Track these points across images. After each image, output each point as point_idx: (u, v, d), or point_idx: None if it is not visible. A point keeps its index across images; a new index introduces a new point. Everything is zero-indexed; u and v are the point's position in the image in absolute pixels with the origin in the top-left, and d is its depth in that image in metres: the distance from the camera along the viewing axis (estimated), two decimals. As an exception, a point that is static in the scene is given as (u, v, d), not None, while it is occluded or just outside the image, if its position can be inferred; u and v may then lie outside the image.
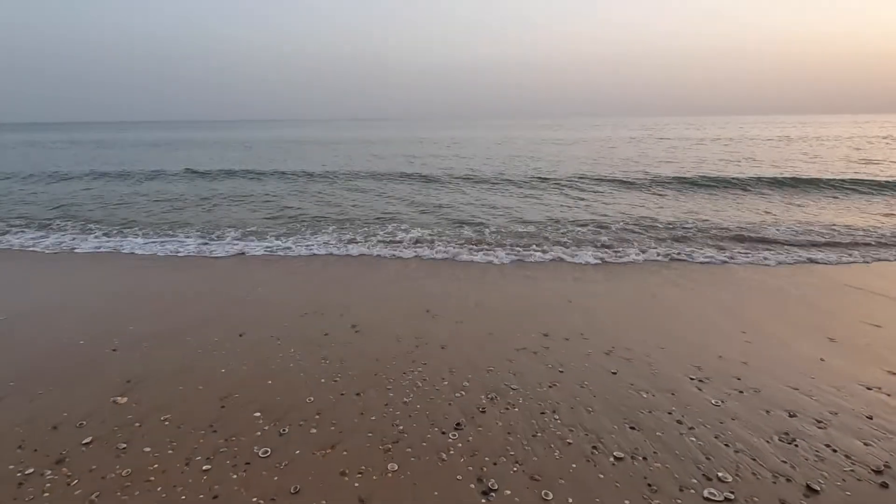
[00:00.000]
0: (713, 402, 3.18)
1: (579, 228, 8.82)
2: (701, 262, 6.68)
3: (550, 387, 3.37)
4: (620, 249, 7.31)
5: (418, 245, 7.69)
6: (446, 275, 6.24)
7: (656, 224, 9.12)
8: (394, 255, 7.15)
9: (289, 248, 7.62)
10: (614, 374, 3.57)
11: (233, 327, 4.43)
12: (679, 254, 7.05)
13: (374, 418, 2.98)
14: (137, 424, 2.87)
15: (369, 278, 6.08)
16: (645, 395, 3.25)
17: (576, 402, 3.16)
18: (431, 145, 32.52)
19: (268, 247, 7.67)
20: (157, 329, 4.38)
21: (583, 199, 11.96)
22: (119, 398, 3.15)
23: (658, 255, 7.02)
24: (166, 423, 2.89)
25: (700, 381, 3.45)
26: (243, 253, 7.34)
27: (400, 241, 7.91)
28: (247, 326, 4.44)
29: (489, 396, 3.25)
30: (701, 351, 3.93)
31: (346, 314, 4.76)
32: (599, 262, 6.76)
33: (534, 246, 7.55)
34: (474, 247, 7.56)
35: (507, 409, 3.10)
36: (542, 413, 3.04)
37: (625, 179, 14.77)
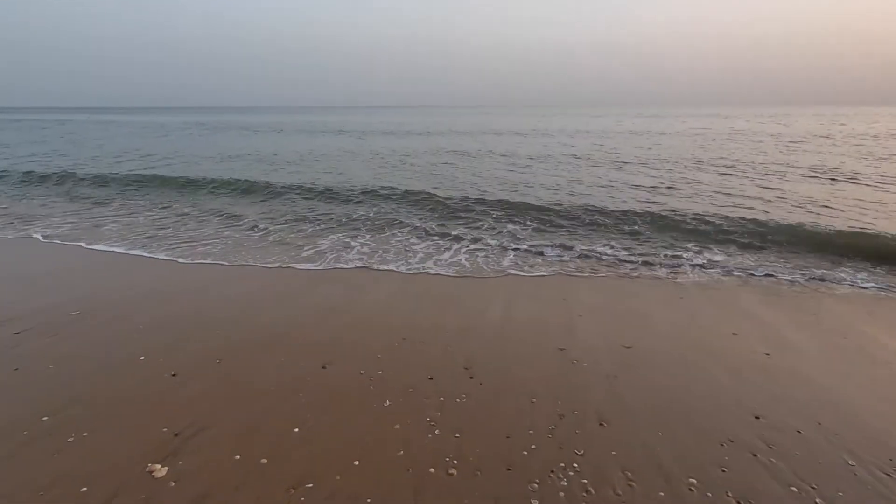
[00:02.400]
0: None
1: (754, 235, 6.90)
2: (949, 306, 4.63)
3: (817, 542, 1.94)
4: (818, 272, 5.41)
5: (528, 252, 6.39)
6: (579, 295, 4.86)
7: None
8: (498, 267, 5.91)
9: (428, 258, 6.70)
10: (928, 526, 2.03)
11: (316, 352, 3.48)
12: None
13: (523, 576, 1.77)
14: (169, 530, 1.92)
15: (476, 294, 4.91)
16: None
17: None
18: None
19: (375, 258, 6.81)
20: (229, 344, 3.56)
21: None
22: (157, 467, 2.26)
23: (869, 283, 5.06)
24: (208, 532, 1.92)
25: None
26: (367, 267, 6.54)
27: (509, 245, 6.65)
28: (331, 354, 3.46)
29: (713, 551, 1.90)
30: None
31: (453, 347, 3.62)
32: (788, 291, 4.97)
33: (683, 254, 5.91)
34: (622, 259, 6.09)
35: (760, 591, 1.73)
36: None
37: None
